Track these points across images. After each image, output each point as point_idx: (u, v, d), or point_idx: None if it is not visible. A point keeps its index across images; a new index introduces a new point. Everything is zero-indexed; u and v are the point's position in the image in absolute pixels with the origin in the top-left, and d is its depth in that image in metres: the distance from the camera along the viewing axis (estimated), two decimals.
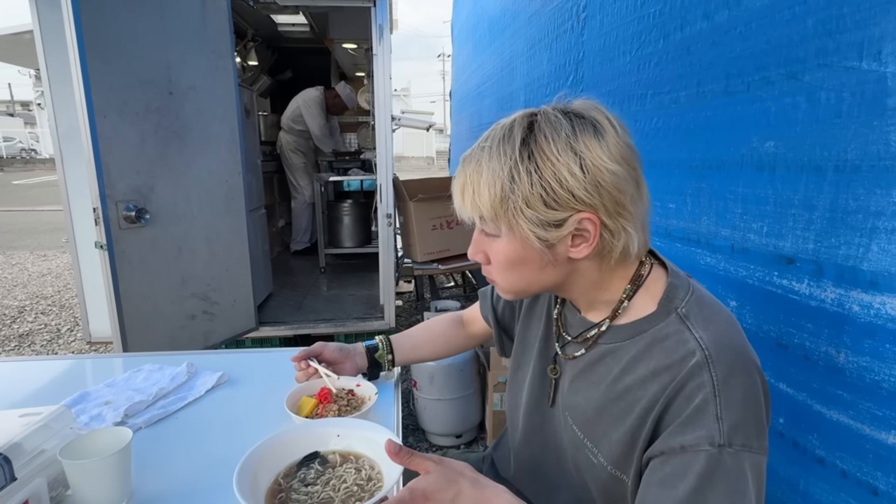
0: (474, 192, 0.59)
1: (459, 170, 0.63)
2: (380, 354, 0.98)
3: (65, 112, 2.66)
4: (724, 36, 1.01)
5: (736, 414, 0.53)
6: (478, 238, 0.65)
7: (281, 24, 4.08)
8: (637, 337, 0.62)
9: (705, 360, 0.55)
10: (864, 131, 0.72)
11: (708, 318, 0.60)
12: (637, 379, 0.60)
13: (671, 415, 0.56)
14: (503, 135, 0.59)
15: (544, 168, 0.56)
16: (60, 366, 1.19)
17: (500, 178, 0.57)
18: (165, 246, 2.03)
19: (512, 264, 0.62)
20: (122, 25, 1.80)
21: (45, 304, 3.99)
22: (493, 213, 0.59)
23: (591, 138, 0.57)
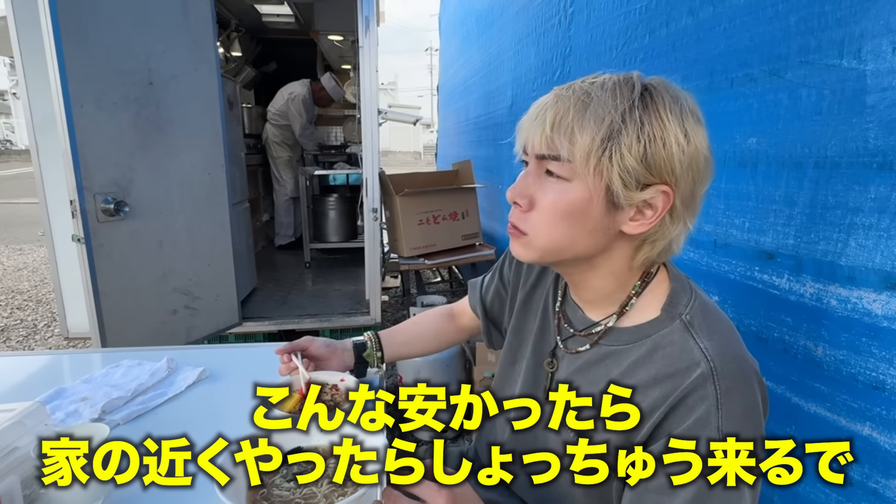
0: (574, 119, 0.55)
1: (550, 101, 0.58)
2: (368, 353, 0.96)
3: (40, 102, 2.58)
4: (709, 32, 1.01)
5: (736, 425, 0.53)
6: (529, 180, 0.60)
7: (265, 15, 4.01)
8: (640, 342, 0.61)
9: (710, 372, 0.55)
10: (843, 128, 0.73)
11: (712, 327, 0.59)
12: (637, 384, 0.59)
13: (671, 423, 0.56)
14: (619, 78, 0.57)
15: (656, 124, 0.54)
16: (37, 361, 1.16)
17: (612, 114, 0.54)
18: (146, 239, 1.98)
19: (567, 215, 0.58)
20: (101, 12, 1.75)
21: (20, 299, 3.89)
22: (587, 151, 0.54)
23: (698, 123, 0.57)
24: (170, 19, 1.99)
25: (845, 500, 0.75)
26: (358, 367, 0.96)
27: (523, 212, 0.61)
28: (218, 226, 2.28)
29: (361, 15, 2.33)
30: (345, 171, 3.73)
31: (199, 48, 2.10)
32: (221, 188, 2.27)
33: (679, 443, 0.54)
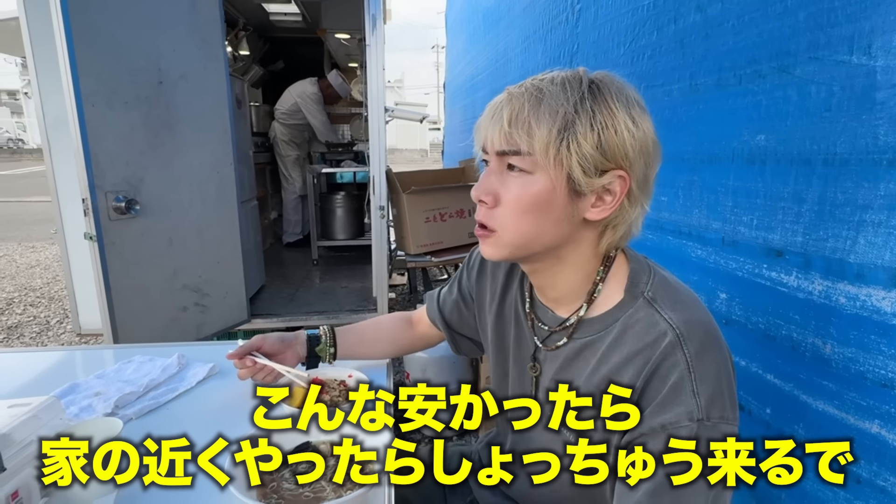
0: (530, 114, 0.57)
1: (504, 99, 0.60)
2: (321, 348, 0.95)
3: (52, 101, 2.61)
4: (717, 29, 1.01)
5: (710, 388, 0.55)
6: (493, 178, 0.62)
7: (273, 14, 4.03)
8: (610, 327, 0.63)
9: (677, 338, 0.57)
10: (853, 125, 0.73)
11: (674, 298, 0.62)
12: (613, 367, 0.61)
13: (648, 396, 0.58)
14: (567, 74, 0.59)
15: (606, 113, 0.57)
16: (50, 357, 1.18)
17: (565, 106, 0.56)
18: (156, 237, 2.01)
19: (532, 208, 0.60)
20: (111, 12, 1.77)
21: (33, 296, 3.95)
22: (546, 144, 0.57)
23: (643, 112, 0.60)
24: (179, 19, 2.01)
25: (853, 499, 0.75)
26: (310, 360, 0.96)
27: (489, 209, 0.63)
28: (227, 223, 2.30)
29: (368, 13, 2.34)
30: (352, 169, 3.75)
31: (207, 47, 2.12)
32: (230, 186, 2.29)
33: (659, 414, 0.55)
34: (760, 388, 0.92)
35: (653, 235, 1.26)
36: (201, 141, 2.14)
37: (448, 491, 0.91)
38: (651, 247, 1.27)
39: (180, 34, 2.02)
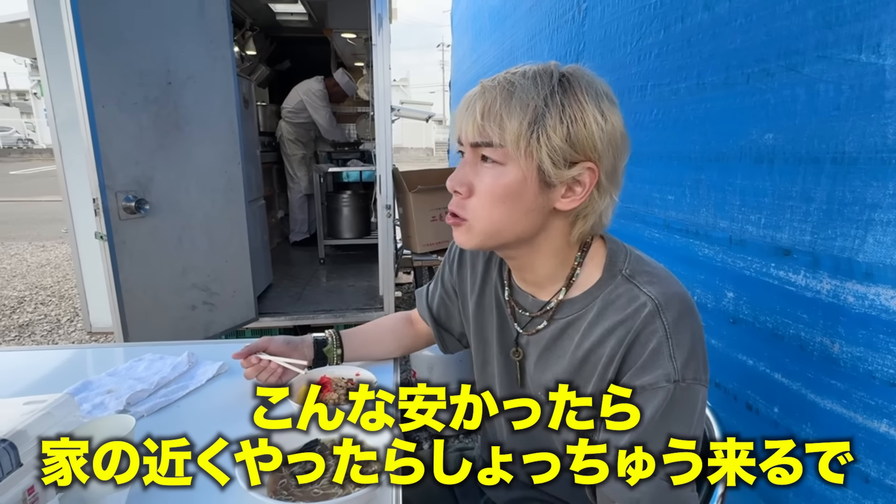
0: (502, 107, 0.59)
1: (478, 92, 0.62)
2: (328, 349, 0.97)
3: (63, 102, 2.64)
4: (725, 27, 1.00)
5: (686, 352, 0.59)
6: (467, 168, 0.64)
7: (279, 13, 4.04)
8: (590, 304, 0.66)
9: (656, 308, 0.60)
10: (861, 124, 0.73)
11: (650, 273, 0.65)
12: (595, 340, 0.64)
13: (629, 362, 0.61)
14: (538, 68, 0.61)
15: (576, 106, 0.58)
16: (62, 355, 1.19)
17: (535, 100, 0.58)
18: (165, 236, 2.03)
19: (504, 198, 0.62)
20: (120, 14, 1.79)
21: (44, 295, 4.00)
22: (517, 135, 0.58)
23: (612, 104, 0.61)
24: (187, 20, 2.02)
25: (862, 498, 0.75)
26: (317, 362, 0.98)
27: (463, 199, 0.64)
28: (234, 222, 2.32)
29: (374, 13, 2.34)
30: (358, 168, 3.76)
31: (215, 48, 2.13)
32: (238, 185, 2.30)
33: (638, 377, 0.60)
34: (768, 388, 0.92)
35: (659, 234, 1.26)
36: (209, 141, 2.16)
37: (458, 493, 0.91)
38: (658, 246, 1.26)
39: (188, 35, 2.03)
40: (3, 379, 1.00)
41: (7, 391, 0.94)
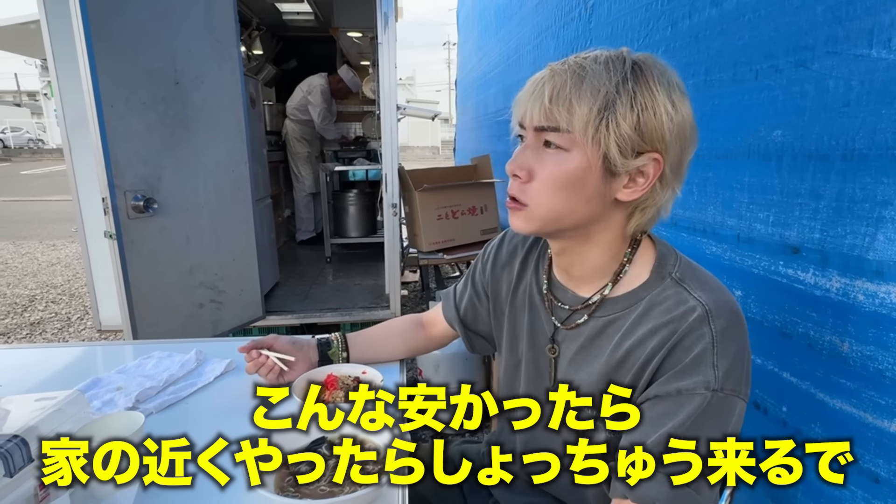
0: (572, 91, 0.57)
1: (546, 75, 0.60)
2: (333, 352, 0.97)
3: (72, 102, 2.67)
4: (733, 23, 1.00)
5: (730, 362, 0.58)
6: (528, 153, 0.62)
7: (285, 13, 4.06)
8: (635, 305, 0.65)
9: (706, 314, 0.59)
10: (872, 120, 0.72)
11: (701, 279, 0.64)
12: (636, 340, 0.63)
13: (668, 364, 0.60)
14: (612, 54, 0.59)
15: (647, 94, 0.57)
16: (72, 353, 1.21)
17: (607, 87, 0.57)
18: (173, 235, 2.04)
19: (566, 185, 0.60)
20: (129, 14, 1.80)
21: (55, 293, 4.04)
22: (585, 121, 0.57)
23: (684, 96, 0.60)
24: (194, 20, 2.04)
25: (871, 498, 0.74)
26: (322, 365, 0.98)
27: (523, 183, 0.63)
28: (242, 221, 2.33)
29: (380, 11, 2.35)
30: (364, 166, 3.77)
31: (222, 47, 2.15)
32: (245, 184, 2.31)
33: (677, 380, 0.58)
34: (777, 387, 0.91)
35: (667, 232, 1.25)
36: (217, 140, 2.17)
37: (467, 490, 0.91)
38: None
39: (196, 35, 2.04)
40: (15, 376, 1.02)
41: (19, 388, 0.95)
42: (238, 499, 0.63)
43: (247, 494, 0.61)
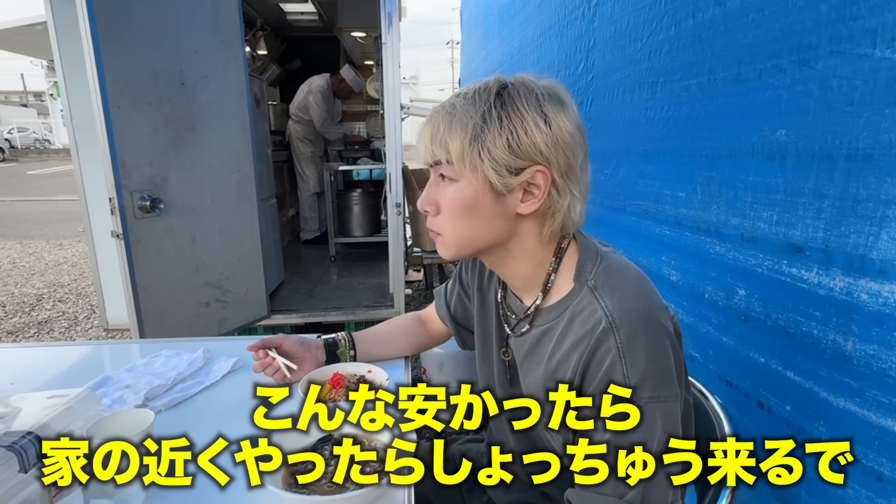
0: (445, 131, 0.63)
1: (430, 116, 0.67)
2: (341, 351, 1.00)
3: (79, 102, 2.69)
4: (737, 23, 1.00)
5: (640, 370, 0.59)
6: (432, 189, 0.68)
7: (290, 13, 4.07)
8: (561, 315, 0.67)
9: (610, 326, 0.60)
10: (876, 119, 0.72)
11: (613, 285, 0.65)
12: (563, 353, 0.65)
13: (587, 381, 0.62)
14: (479, 87, 0.64)
15: (514, 117, 0.62)
16: (80, 351, 1.22)
17: (474, 119, 0.62)
18: (180, 235, 2.06)
19: (464, 211, 0.65)
20: (135, 16, 1.82)
21: (62, 293, 4.07)
22: (461, 152, 0.62)
23: (557, 105, 0.63)
24: (199, 21, 2.05)
25: (875, 497, 0.74)
26: (329, 364, 0.99)
27: (433, 216, 0.69)
28: (247, 221, 2.35)
29: (384, 11, 2.35)
30: (368, 166, 3.77)
31: (227, 48, 2.16)
32: (250, 184, 2.33)
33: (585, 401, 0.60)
34: (780, 386, 0.91)
35: (670, 232, 1.25)
36: (222, 140, 2.19)
37: (465, 489, 0.92)
38: (668, 243, 1.26)
39: (201, 36, 2.06)
40: (24, 374, 1.03)
41: (28, 386, 0.97)
42: (239, 499, 0.64)
43: (249, 494, 0.62)
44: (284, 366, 0.93)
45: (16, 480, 0.55)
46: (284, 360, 0.94)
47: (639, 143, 1.39)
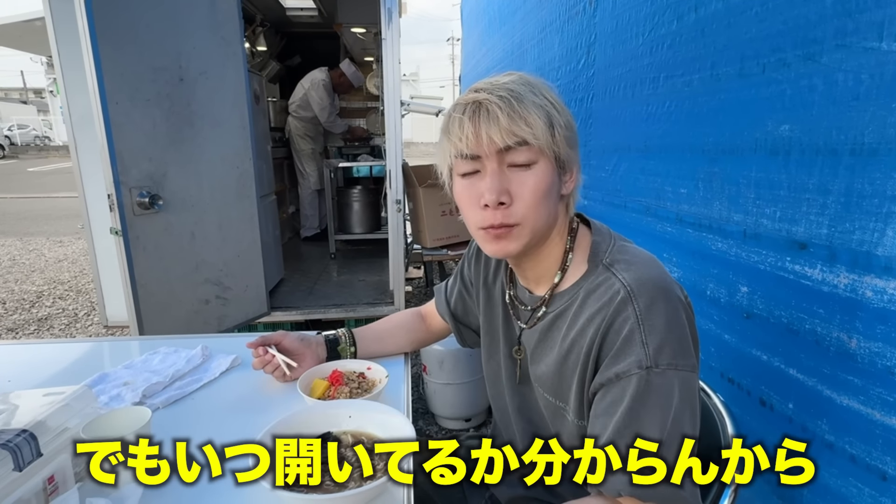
0: (524, 115, 0.62)
1: (484, 101, 0.63)
2: (342, 348, 1.00)
3: (78, 99, 2.68)
4: (740, 17, 0.98)
5: (659, 337, 0.59)
6: (500, 178, 0.64)
7: (289, 9, 4.05)
8: (575, 295, 0.68)
9: (628, 294, 0.61)
10: (882, 114, 0.71)
11: (629, 260, 0.66)
12: (578, 330, 0.65)
13: (605, 350, 0.62)
14: (513, 77, 0.66)
15: (555, 101, 0.66)
16: (79, 348, 1.22)
17: (545, 104, 0.64)
18: (179, 232, 2.05)
19: (547, 193, 0.65)
20: (134, 12, 1.81)
21: (62, 289, 4.07)
22: (543, 131, 0.63)
23: None
24: (198, 17, 2.04)
25: (879, 495, 0.74)
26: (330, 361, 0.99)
27: (507, 208, 0.65)
28: (246, 218, 2.34)
29: (384, 7, 2.34)
30: (368, 163, 3.76)
31: (226, 44, 2.15)
32: (249, 181, 2.32)
33: (613, 365, 0.60)
34: (783, 383, 0.91)
35: (672, 228, 1.24)
36: (221, 137, 2.18)
37: (466, 486, 0.92)
38: (670, 240, 1.25)
39: (200, 32, 2.04)
40: (23, 371, 1.03)
41: (26, 383, 0.96)
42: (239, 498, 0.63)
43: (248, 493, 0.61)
44: (284, 363, 0.93)
45: (10, 479, 0.54)
46: (284, 358, 0.93)
47: (640, 139, 1.38)
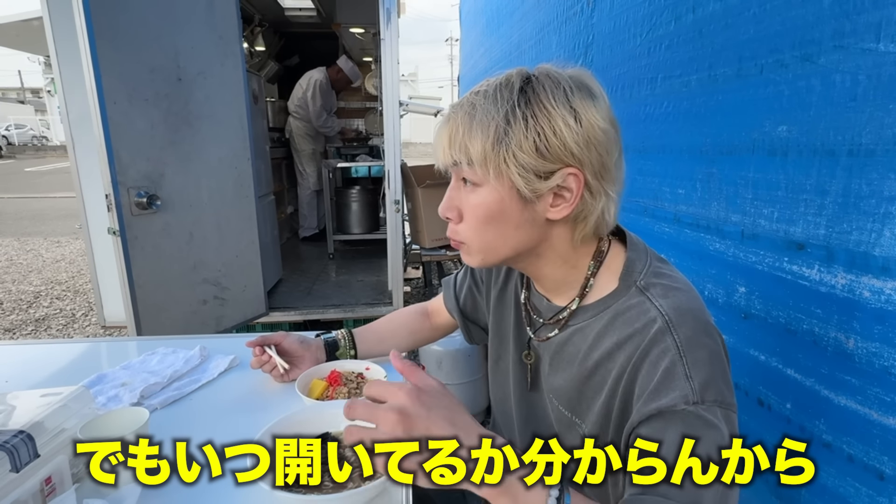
0: (464, 133, 0.58)
1: (448, 115, 0.62)
2: (342, 351, 0.98)
3: (76, 99, 2.67)
4: (738, 18, 0.99)
5: (704, 372, 0.54)
6: (453, 193, 0.64)
7: (288, 9, 4.05)
8: (601, 313, 0.63)
9: (667, 325, 0.56)
10: (879, 115, 0.71)
11: (666, 286, 0.61)
12: (604, 352, 0.61)
13: (641, 382, 0.56)
14: (500, 82, 0.59)
15: (541, 115, 0.56)
16: (77, 349, 1.21)
17: (496, 119, 0.57)
18: (177, 232, 2.05)
19: (489, 218, 0.60)
20: (131, 11, 1.80)
21: (59, 290, 4.06)
22: (484, 155, 0.57)
23: (587, 98, 0.58)
24: (197, 16, 2.03)
25: (876, 495, 0.74)
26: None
27: (455, 224, 0.64)
28: (245, 218, 2.34)
29: (383, 7, 2.34)
30: (367, 163, 3.76)
31: (224, 44, 2.14)
32: (248, 181, 2.32)
33: (654, 400, 0.54)
34: (780, 383, 0.91)
35: (669, 229, 1.24)
36: (219, 137, 2.17)
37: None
38: (668, 240, 1.25)
39: (198, 32, 2.04)
40: (21, 371, 1.02)
41: (24, 384, 0.96)
42: (238, 498, 0.63)
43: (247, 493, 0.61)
44: (280, 365, 0.93)
45: (7, 480, 0.54)
46: (280, 361, 0.93)
47: (638, 140, 1.39)
